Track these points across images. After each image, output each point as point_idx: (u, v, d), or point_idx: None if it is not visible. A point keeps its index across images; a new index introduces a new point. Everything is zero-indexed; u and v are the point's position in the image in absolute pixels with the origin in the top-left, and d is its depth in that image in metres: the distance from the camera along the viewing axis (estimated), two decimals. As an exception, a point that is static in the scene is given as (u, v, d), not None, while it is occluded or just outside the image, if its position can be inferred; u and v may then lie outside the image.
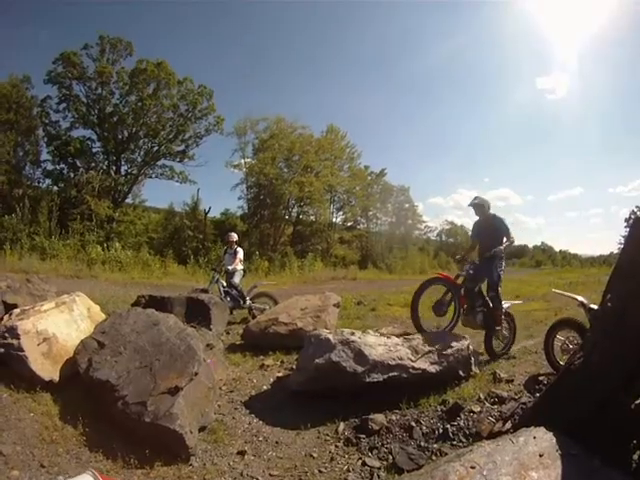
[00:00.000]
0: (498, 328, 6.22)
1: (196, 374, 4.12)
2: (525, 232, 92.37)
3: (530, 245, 75.83)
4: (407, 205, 39.01)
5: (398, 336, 5.15)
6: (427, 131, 62.21)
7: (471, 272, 6.06)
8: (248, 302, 8.90)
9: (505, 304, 6.36)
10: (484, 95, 66.19)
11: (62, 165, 25.76)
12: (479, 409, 4.25)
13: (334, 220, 34.92)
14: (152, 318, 4.77)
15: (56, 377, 4.23)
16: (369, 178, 36.77)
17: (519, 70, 63.01)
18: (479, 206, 6.43)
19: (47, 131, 25.76)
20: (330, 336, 4.85)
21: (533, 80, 67.60)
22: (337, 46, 58.16)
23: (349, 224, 36.43)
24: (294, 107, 59.41)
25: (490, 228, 6.30)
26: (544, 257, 66.22)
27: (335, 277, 21.68)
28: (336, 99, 54.97)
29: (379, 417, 4.17)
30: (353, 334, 4.92)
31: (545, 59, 60.41)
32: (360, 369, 4.50)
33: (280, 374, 5.58)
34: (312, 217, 32.51)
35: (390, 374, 4.55)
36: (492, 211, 6.42)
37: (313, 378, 4.61)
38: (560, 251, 69.64)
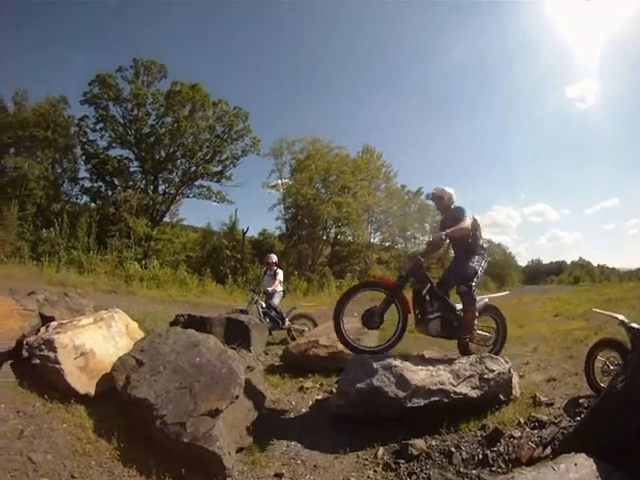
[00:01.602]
0: (467, 336, 5.45)
1: (237, 397, 4.13)
2: (563, 248, 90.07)
3: (568, 261, 74.00)
4: (444, 224, 38.29)
5: (440, 360, 5.10)
6: (460, 148, 61.89)
7: (416, 274, 5.27)
8: (287, 323, 8.92)
9: (481, 299, 5.64)
10: (514, 108, 65.39)
11: (100, 183, 26.54)
12: (519, 434, 4.13)
13: (372, 240, 34.86)
14: (192, 339, 4.76)
15: (92, 391, 4.28)
16: (406, 197, 36.74)
17: (547, 79, 62.25)
18: (438, 198, 5.65)
19: (85, 150, 26.60)
20: (372, 360, 4.82)
21: (562, 89, 66.59)
22: (368, 62, 58.68)
23: (387, 244, 36.50)
24: (330, 126, 59.71)
25: (455, 224, 5.32)
26: (582, 273, 64.26)
27: (373, 298, 21.00)
28: (368, 118, 55.59)
29: (419, 442, 4.11)
30: (395, 359, 4.88)
31: (571, 66, 59.61)
32: (402, 394, 4.46)
33: (319, 397, 5.56)
34: (350, 237, 32.56)
35: (431, 399, 4.49)
36: (469, 211, 5.49)
37: (353, 402, 4.58)
38: (598, 265, 67.64)
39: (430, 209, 35.98)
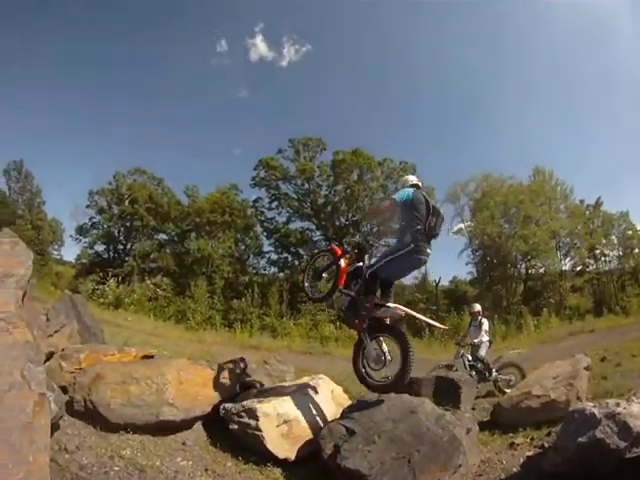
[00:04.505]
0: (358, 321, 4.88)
1: (460, 466, 3.85)
2: None
3: None
4: (630, 232, 33.13)
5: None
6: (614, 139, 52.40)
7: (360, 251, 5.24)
8: (494, 374, 8.36)
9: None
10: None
11: (285, 254, 29.14)
12: None
13: (563, 268, 31.98)
14: (408, 404, 4.55)
15: (292, 456, 4.25)
16: (587, 213, 33.04)
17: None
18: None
19: (264, 227, 29.82)
20: (595, 410, 4.16)
21: None
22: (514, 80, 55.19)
23: (578, 268, 32.84)
24: (495, 158, 56.45)
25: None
26: None
27: (572, 332, 19.06)
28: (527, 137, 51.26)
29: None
30: (618, 405, 4.16)
31: None
32: (622, 444, 3.74)
33: (530, 453, 4.86)
34: (541, 269, 30.40)
35: (647, 446, 3.74)
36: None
37: (571, 459, 3.96)
38: None
39: (613, 220, 32.90)
